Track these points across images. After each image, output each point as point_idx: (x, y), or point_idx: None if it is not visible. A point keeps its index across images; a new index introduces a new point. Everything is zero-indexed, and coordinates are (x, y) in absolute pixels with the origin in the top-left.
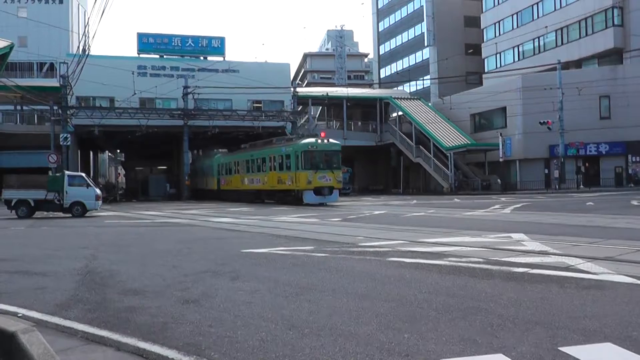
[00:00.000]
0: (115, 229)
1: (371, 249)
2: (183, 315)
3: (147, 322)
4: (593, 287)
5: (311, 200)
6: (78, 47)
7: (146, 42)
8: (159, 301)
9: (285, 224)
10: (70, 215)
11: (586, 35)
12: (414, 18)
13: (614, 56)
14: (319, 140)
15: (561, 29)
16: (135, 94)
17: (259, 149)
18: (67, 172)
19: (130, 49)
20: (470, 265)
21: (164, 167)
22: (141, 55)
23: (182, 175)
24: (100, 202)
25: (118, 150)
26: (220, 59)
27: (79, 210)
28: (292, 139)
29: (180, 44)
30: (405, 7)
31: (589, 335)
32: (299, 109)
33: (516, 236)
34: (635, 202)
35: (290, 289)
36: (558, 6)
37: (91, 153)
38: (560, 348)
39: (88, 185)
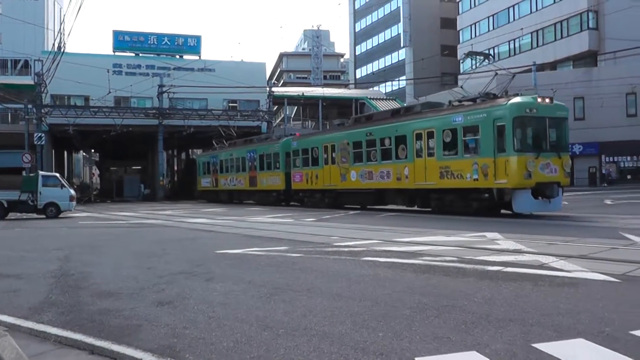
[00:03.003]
0: (90, 230)
1: (346, 249)
2: (157, 317)
3: (121, 325)
4: (566, 284)
5: (527, 206)
6: (53, 44)
7: (122, 40)
8: (133, 303)
9: (259, 225)
10: (44, 216)
11: (561, 37)
12: (391, 19)
13: (588, 58)
14: (540, 100)
15: (537, 31)
16: (110, 92)
17: (387, 122)
18: (41, 173)
19: (106, 47)
20: (445, 264)
21: (139, 168)
22: (117, 53)
23: (156, 175)
24: (74, 202)
25: (93, 150)
26: (196, 57)
27: (53, 211)
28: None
29: (156, 43)
30: (382, 8)
31: (562, 332)
32: (275, 108)
33: (490, 235)
34: (608, 202)
35: (265, 289)
36: (534, 9)
37: (65, 153)
38: (533, 345)
39: (62, 186)
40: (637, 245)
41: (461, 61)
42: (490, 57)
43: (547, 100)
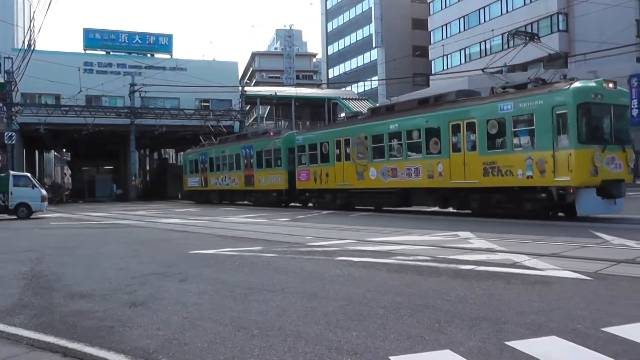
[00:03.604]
0: (62, 230)
1: (320, 249)
2: (131, 319)
3: (94, 327)
4: (539, 282)
5: (593, 208)
6: (23, 41)
7: (92, 37)
8: (106, 304)
9: (233, 225)
10: (15, 217)
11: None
12: (363, 19)
13: (559, 60)
14: (605, 85)
15: (507, 32)
16: (81, 91)
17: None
18: (12, 173)
19: (76, 45)
20: (418, 263)
21: (111, 167)
22: (87, 52)
23: (129, 175)
24: (46, 203)
25: (64, 150)
26: (168, 56)
27: (24, 211)
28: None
29: (127, 41)
30: (354, 8)
31: (535, 330)
32: (247, 108)
33: (463, 234)
34: None
35: (239, 289)
36: (505, 10)
37: (37, 152)
38: (506, 342)
39: (34, 186)
40: (609, 243)
41: (507, 42)
42: (536, 38)
43: (611, 85)
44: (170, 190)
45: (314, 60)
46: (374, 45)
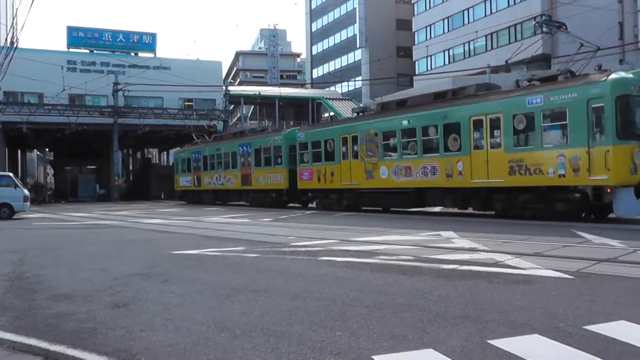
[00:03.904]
0: (44, 231)
1: (303, 249)
2: (113, 320)
3: (76, 328)
4: (521, 281)
5: (632, 209)
6: (6, 39)
7: (76, 36)
8: (89, 306)
9: (216, 225)
10: None
11: (515, 40)
12: (347, 20)
13: (542, 62)
14: None
15: (491, 34)
16: (64, 90)
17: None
18: None
19: (60, 43)
20: (401, 263)
21: (94, 167)
22: (71, 50)
23: (112, 175)
24: (28, 203)
25: (47, 149)
26: (152, 55)
27: (6, 212)
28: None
29: (111, 39)
30: (338, 8)
31: (517, 328)
32: (231, 108)
33: (446, 234)
34: None
35: (222, 290)
36: (488, 12)
37: (19, 152)
38: (489, 341)
39: (16, 186)
40: (591, 242)
41: (534, 31)
42: (564, 27)
43: None
44: (153, 190)
45: (298, 60)
46: (358, 46)
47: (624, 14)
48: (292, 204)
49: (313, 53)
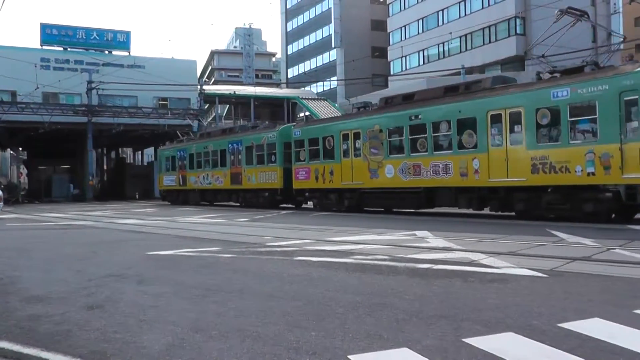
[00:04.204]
0: (18, 232)
1: (278, 249)
2: (88, 322)
3: (50, 331)
4: (496, 280)
5: None
6: None
7: (50, 33)
8: (63, 308)
9: (191, 225)
10: None
11: (490, 42)
12: (322, 20)
13: (516, 63)
14: None
15: (465, 35)
16: (38, 88)
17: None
18: None
19: (33, 40)
20: (376, 262)
21: (68, 167)
22: (44, 47)
23: (86, 175)
24: (1, 203)
25: (20, 148)
26: (126, 53)
27: None
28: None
29: (84, 37)
30: (314, 8)
31: (492, 326)
32: (206, 107)
33: (420, 234)
34: None
35: (197, 291)
36: (463, 13)
37: None
38: (464, 339)
39: None
40: (565, 241)
41: (556, 19)
42: (585, 15)
43: None
44: (128, 190)
45: (274, 59)
46: (333, 46)
47: (597, 17)
48: (284, 205)
49: (288, 53)
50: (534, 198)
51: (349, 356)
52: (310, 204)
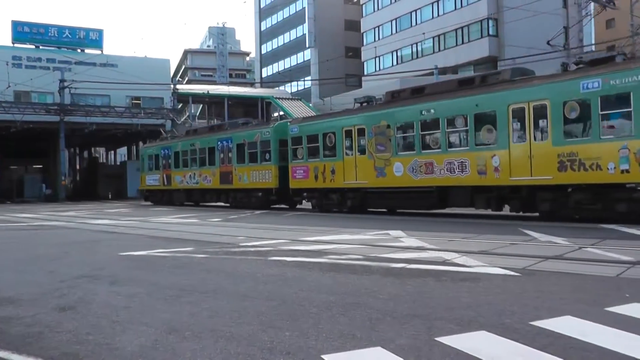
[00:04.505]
0: None
1: (252, 249)
2: (60, 324)
3: (21, 333)
4: (468, 279)
5: None
6: None
7: (21, 30)
8: (35, 309)
9: (165, 225)
10: None
11: (462, 43)
12: (296, 19)
13: (489, 64)
14: None
15: (438, 36)
16: (9, 86)
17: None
18: None
19: (4, 38)
20: (350, 262)
21: (40, 167)
22: (16, 45)
23: (58, 175)
24: None
25: None
26: (98, 52)
27: None
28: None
29: (57, 35)
30: (287, 8)
31: (465, 325)
32: (180, 106)
33: (394, 233)
34: None
35: (171, 291)
36: (436, 14)
37: None
38: (436, 338)
39: None
40: (537, 240)
41: (582, 8)
42: (612, 3)
43: None
44: (100, 190)
45: (248, 59)
46: (307, 46)
47: (569, 19)
48: (276, 205)
49: (262, 52)
50: (561, 197)
51: (323, 356)
52: (305, 205)
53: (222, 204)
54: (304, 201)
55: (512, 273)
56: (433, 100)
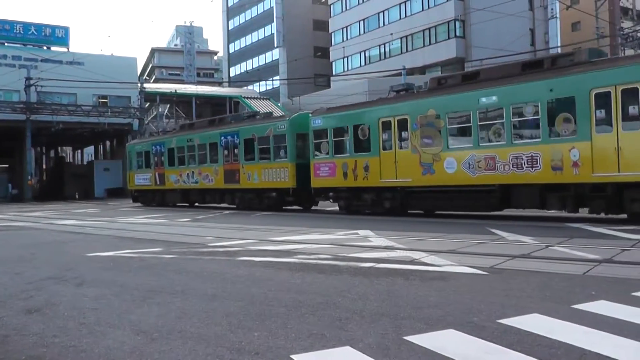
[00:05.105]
0: None
1: (221, 249)
2: (26, 326)
3: None
4: (437, 278)
5: None
6: None
7: None
8: (1, 312)
9: (132, 226)
10: None
11: (430, 44)
12: (264, 18)
13: (456, 65)
14: None
15: (406, 37)
16: None
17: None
18: None
19: None
20: (319, 262)
21: (6, 166)
22: None
23: (25, 174)
24: None
25: None
26: (65, 49)
27: None
28: None
29: (22, 32)
30: (256, 7)
31: (433, 324)
32: (147, 105)
33: (363, 233)
34: None
35: (138, 292)
36: (403, 15)
37: None
38: (405, 337)
39: None
40: (504, 239)
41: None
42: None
43: None
44: (68, 190)
45: (215, 58)
46: (275, 45)
47: (534, 21)
48: (287, 207)
49: (230, 51)
50: None
51: (292, 356)
52: (321, 206)
53: (227, 205)
54: (328, 202)
55: (480, 272)
56: (495, 86)
